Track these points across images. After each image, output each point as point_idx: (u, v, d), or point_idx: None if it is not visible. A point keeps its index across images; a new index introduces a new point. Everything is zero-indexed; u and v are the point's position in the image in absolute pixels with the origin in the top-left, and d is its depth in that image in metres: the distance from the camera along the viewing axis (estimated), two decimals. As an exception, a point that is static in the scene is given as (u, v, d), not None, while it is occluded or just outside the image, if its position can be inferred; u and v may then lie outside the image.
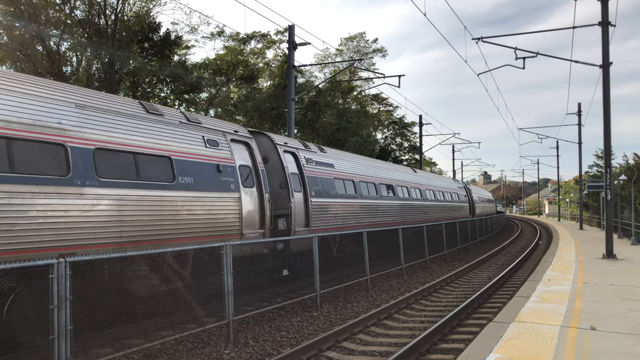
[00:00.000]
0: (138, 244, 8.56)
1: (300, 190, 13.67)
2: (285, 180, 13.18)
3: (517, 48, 19.26)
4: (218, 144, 11.11)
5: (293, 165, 13.82)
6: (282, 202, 13.00)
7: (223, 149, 11.21)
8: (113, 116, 8.86)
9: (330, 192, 15.27)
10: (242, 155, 11.87)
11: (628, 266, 15.42)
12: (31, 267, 6.19)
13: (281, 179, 13.21)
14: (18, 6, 24.09)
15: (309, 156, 14.85)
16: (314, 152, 15.47)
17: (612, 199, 18.69)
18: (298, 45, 21.78)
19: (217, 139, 11.18)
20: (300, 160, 14.18)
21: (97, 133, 8.46)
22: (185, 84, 30.91)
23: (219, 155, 10.96)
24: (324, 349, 8.24)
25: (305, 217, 13.69)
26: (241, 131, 12.44)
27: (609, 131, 17.72)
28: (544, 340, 6.89)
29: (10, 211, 6.96)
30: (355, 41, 49.05)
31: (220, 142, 11.25)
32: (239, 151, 11.84)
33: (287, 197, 13.11)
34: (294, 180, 13.46)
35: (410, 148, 53.77)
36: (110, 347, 8.11)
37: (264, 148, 13.27)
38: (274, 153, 13.44)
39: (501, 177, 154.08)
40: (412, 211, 22.23)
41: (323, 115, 40.18)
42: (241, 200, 11.19)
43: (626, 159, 49.95)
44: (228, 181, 10.91)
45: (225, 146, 11.33)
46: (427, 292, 13.76)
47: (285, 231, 12.82)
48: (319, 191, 14.56)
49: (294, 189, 13.26)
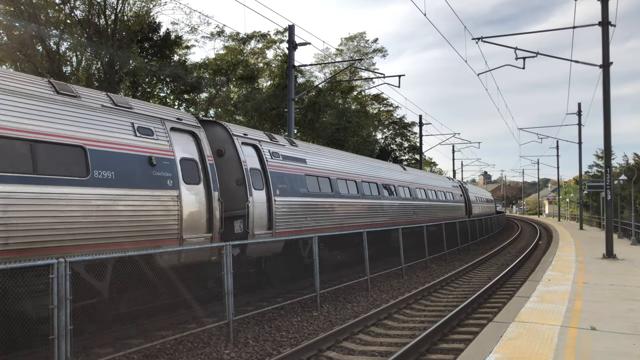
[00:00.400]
0: (33, 252, 7.12)
1: (261, 188, 12.14)
2: (242, 177, 11.64)
3: (517, 48, 19.29)
4: (153, 133, 9.57)
5: (254, 160, 12.28)
6: (238, 201, 11.52)
7: (159, 138, 9.66)
8: (5, 96, 7.39)
9: (300, 191, 13.66)
10: (186, 147, 10.34)
11: (628, 266, 15.42)
12: (31, 267, 6.18)
13: (238, 175, 11.67)
14: (18, 6, 24.08)
15: (274, 150, 13.27)
16: (281, 146, 13.83)
17: (612, 199, 18.69)
18: (298, 45, 21.79)
19: (151, 127, 9.62)
20: (263, 153, 12.61)
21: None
22: (185, 84, 30.91)
23: (152, 146, 9.43)
24: (324, 349, 8.24)
25: (267, 219, 12.17)
26: (186, 119, 10.79)
27: (609, 131, 17.73)
28: (544, 340, 6.89)
29: None
30: (355, 41, 49.07)
31: (157, 131, 9.69)
32: (182, 142, 10.30)
33: (244, 196, 11.58)
34: (254, 177, 11.96)
35: (410, 148, 53.80)
36: (110, 347, 8.11)
37: (218, 139, 11.81)
38: (230, 145, 11.84)
39: (501, 177, 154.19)
40: (400, 211, 20.84)
41: (323, 115, 40.18)
42: (181, 199, 9.66)
43: (626, 159, 50.03)
44: (163, 177, 9.40)
45: (163, 136, 9.78)
46: (427, 292, 13.76)
47: (242, 235, 11.33)
48: (286, 189, 13.02)
49: (253, 187, 11.79)
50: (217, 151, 11.66)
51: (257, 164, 12.33)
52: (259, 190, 12.01)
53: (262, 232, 11.92)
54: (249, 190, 11.62)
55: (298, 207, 13.42)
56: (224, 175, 11.48)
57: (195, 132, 10.76)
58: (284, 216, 12.72)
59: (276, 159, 13.12)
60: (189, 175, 10.10)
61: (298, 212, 13.41)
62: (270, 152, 13.04)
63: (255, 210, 11.68)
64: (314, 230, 13.47)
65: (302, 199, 13.65)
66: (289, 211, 13.00)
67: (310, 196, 14.12)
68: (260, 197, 12.03)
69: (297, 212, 13.38)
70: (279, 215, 12.54)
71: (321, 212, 14.66)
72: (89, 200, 8.02)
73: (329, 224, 14.89)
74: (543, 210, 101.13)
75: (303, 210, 13.68)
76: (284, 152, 13.70)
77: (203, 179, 10.44)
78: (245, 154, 11.99)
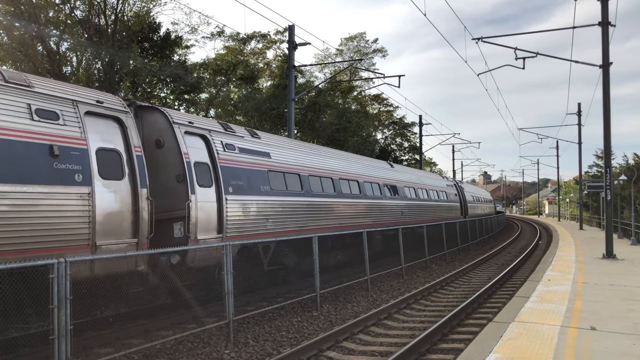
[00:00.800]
0: None
1: (209, 185, 10.65)
2: (183, 172, 10.14)
3: (517, 48, 19.30)
4: (58, 117, 8.10)
5: (201, 152, 10.80)
6: (178, 200, 10.02)
7: (68, 124, 8.17)
8: None
9: (262, 188, 12.19)
10: (106, 135, 8.87)
11: (628, 266, 15.42)
12: (33, 267, 6.18)
13: (179, 169, 10.18)
14: (18, 6, 24.10)
15: (229, 141, 11.75)
16: (238, 137, 12.29)
17: (612, 199, 18.70)
18: (298, 45, 21.80)
19: (57, 110, 8.14)
20: (213, 146, 11.10)
21: None
22: (185, 84, 30.92)
23: (56, 133, 7.92)
24: (324, 349, 8.24)
25: (217, 221, 10.67)
26: (109, 102, 9.20)
27: (609, 131, 17.73)
28: (544, 340, 6.90)
29: None
30: (355, 41, 49.10)
31: (65, 115, 8.22)
32: (101, 129, 8.82)
33: (184, 194, 10.06)
34: (200, 172, 10.48)
35: (411, 148, 53.82)
36: (110, 347, 8.12)
37: (158, 128, 10.37)
38: (170, 135, 10.31)
39: (501, 177, 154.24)
40: (385, 212, 19.33)
41: (323, 115, 40.19)
42: (94, 197, 8.21)
43: (626, 159, 50.11)
44: (70, 170, 7.95)
45: (73, 121, 8.29)
46: (427, 292, 13.76)
47: (183, 239, 9.87)
48: (242, 187, 11.51)
49: (197, 183, 10.30)
50: (156, 142, 10.32)
51: (205, 157, 10.83)
52: (205, 188, 10.51)
53: (209, 236, 10.35)
54: (190, 188, 10.07)
55: (257, 207, 11.91)
56: (163, 170, 10.19)
57: (121, 118, 9.17)
58: (238, 218, 11.24)
59: (231, 152, 11.59)
60: (107, 169, 8.65)
61: (258, 213, 11.91)
62: (224, 144, 11.51)
63: (199, 210, 10.18)
64: (276, 234, 12.13)
65: (263, 198, 12.15)
66: (246, 212, 11.54)
67: (274, 195, 12.63)
68: (206, 196, 10.50)
69: (257, 213, 11.88)
70: (232, 216, 11.03)
71: (288, 213, 13.15)
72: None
73: (297, 227, 13.44)
74: (543, 211, 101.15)
75: (264, 211, 12.16)
76: (242, 145, 12.18)
77: (128, 173, 8.97)
78: (189, 145, 10.48)
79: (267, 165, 12.76)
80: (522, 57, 19.52)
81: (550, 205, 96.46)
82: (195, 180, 10.26)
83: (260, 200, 12.07)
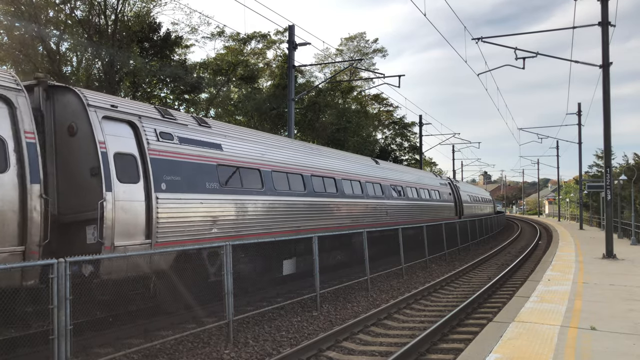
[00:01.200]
0: None
1: (135, 181, 8.99)
2: (97, 164, 8.52)
3: (517, 48, 19.31)
4: None
5: (126, 142, 9.11)
6: (91, 198, 8.45)
7: None
8: None
9: (208, 186, 10.54)
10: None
11: (628, 266, 15.42)
12: (40, 266, 6.18)
13: (93, 161, 8.58)
14: (18, 6, 24.11)
15: (166, 130, 10.02)
16: (180, 125, 10.55)
17: (612, 199, 18.70)
18: (298, 45, 21.80)
19: None
20: (142, 134, 9.39)
21: None
22: (185, 84, 30.93)
23: None
24: (324, 349, 8.24)
25: (146, 223, 9.00)
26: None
27: (609, 131, 17.73)
28: (544, 340, 6.90)
29: None
30: (355, 41, 49.14)
31: None
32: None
33: (98, 191, 8.44)
34: (121, 165, 8.84)
35: (411, 148, 53.86)
36: (110, 347, 8.12)
37: (71, 112, 8.82)
38: (83, 120, 8.70)
39: (501, 177, 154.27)
40: (367, 212, 17.68)
41: (323, 115, 40.21)
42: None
43: (626, 159, 50.10)
44: None
45: None
46: (427, 292, 13.76)
47: (96, 246, 8.34)
48: (180, 183, 9.84)
49: (117, 178, 8.70)
50: (68, 128, 8.79)
51: (130, 147, 9.16)
52: (129, 184, 8.87)
53: (133, 242, 8.73)
54: (105, 183, 8.44)
55: (202, 207, 10.26)
56: (75, 162, 8.74)
57: (9, 97, 7.64)
58: (174, 220, 9.54)
59: (167, 142, 9.88)
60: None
61: (202, 215, 10.25)
62: (158, 132, 9.79)
63: (118, 211, 8.55)
64: (226, 238, 10.31)
65: (209, 197, 10.50)
66: (185, 213, 9.83)
67: (225, 193, 10.99)
68: (130, 193, 8.86)
69: (201, 215, 10.23)
70: (166, 218, 9.33)
71: (244, 213, 11.48)
72: None
73: (256, 230, 11.69)
74: (543, 210, 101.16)
75: (212, 212, 10.50)
76: (184, 134, 10.45)
77: (15, 165, 7.45)
78: (108, 133, 8.84)
79: (216, 158, 11.07)
80: (522, 57, 19.54)
81: (550, 205, 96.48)
82: (113, 174, 8.65)
83: (206, 199, 10.40)
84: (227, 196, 11.03)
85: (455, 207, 30.23)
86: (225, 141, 11.65)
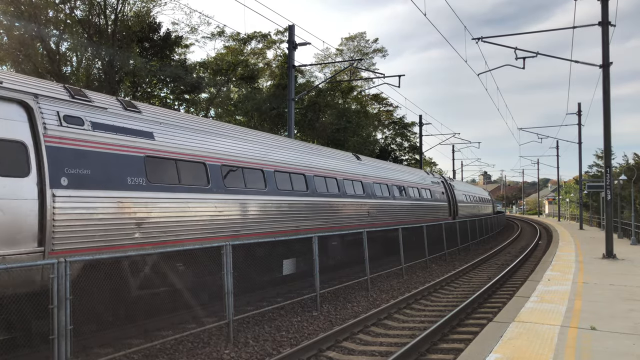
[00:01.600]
0: None
1: (23, 174, 7.27)
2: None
3: (517, 48, 19.31)
4: None
5: (10, 125, 7.32)
6: None
7: None
8: None
9: (130, 181, 8.74)
10: None
11: (628, 266, 15.43)
12: (31, 267, 6.18)
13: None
14: (18, 6, 24.11)
15: (75, 113, 8.27)
16: (97, 108, 8.74)
17: (612, 199, 18.70)
18: (298, 45, 21.80)
19: None
20: (37, 117, 7.66)
21: None
22: (185, 84, 30.95)
23: None
24: (324, 349, 8.25)
25: (39, 228, 7.28)
26: None
27: (609, 131, 17.73)
28: (544, 340, 6.90)
29: None
30: (356, 41, 49.17)
31: None
32: None
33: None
34: (3, 154, 7.13)
35: (411, 148, 53.88)
36: (110, 347, 8.12)
37: None
38: None
39: (501, 177, 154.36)
40: (347, 212, 16.21)
41: (323, 115, 40.22)
42: None
43: (626, 159, 50.08)
44: None
45: None
46: (427, 292, 13.76)
47: None
48: (90, 177, 8.10)
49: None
50: None
51: (18, 132, 7.42)
52: (12, 178, 7.14)
53: (15, 250, 6.93)
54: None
55: (120, 207, 8.48)
56: None
57: None
58: (78, 222, 7.80)
59: (74, 128, 8.13)
60: None
61: (121, 217, 8.47)
62: (62, 115, 8.05)
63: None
64: (152, 244, 8.85)
65: (131, 195, 8.70)
66: (94, 214, 8.05)
67: (153, 190, 9.16)
68: (13, 189, 7.13)
69: (119, 217, 8.44)
70: (66, 220, 7.63)
71: (182, 215, 9.61)
72: None
73: (199, 235, 9.91)
74: (543, 210, 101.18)
75: (134, 214, 8.70)
76: (100, 119, 8.65)
77: None
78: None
79: (145, 149, 9.25)
80: (522, 57, 19.54)
81: (550, 205, 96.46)
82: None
83: (126, 198, 8.61)
84: (156, 194, 9.19)
85: (449, 207, 28.83)
86: (159, 129, 9.77)
